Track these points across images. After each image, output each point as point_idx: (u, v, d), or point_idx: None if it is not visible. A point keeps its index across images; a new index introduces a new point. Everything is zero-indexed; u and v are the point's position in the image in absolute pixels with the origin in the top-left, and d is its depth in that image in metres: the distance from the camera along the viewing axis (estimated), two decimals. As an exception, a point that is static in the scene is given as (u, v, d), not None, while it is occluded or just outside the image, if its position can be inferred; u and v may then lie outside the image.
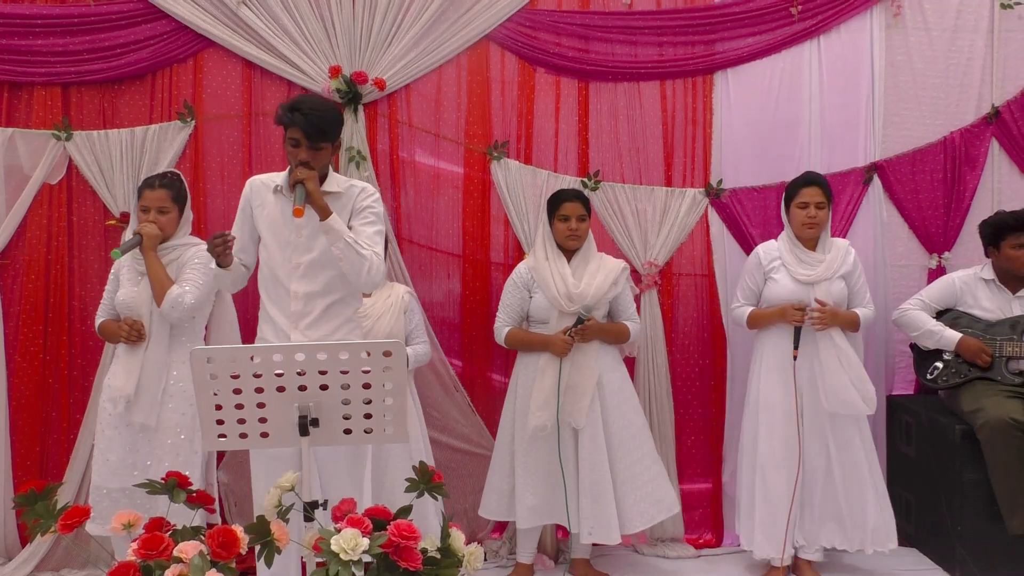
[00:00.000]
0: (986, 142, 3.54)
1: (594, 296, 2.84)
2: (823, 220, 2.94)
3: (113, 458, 2.63)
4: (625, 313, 2.98)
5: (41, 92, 3.08)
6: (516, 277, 2.96)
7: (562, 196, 2.92)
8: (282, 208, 2.35)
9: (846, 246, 3.04)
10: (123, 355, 2.66)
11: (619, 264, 2.97)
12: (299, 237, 2.34)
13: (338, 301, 2.38)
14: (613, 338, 2.94)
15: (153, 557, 1.56)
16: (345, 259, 2.26)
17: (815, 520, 2.95)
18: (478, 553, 1.77)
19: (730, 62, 3.41)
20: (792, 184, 3.03)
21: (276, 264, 2.36)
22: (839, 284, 2.95)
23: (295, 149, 2.28)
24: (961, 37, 3.51)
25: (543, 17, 3.31)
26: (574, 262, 2.91)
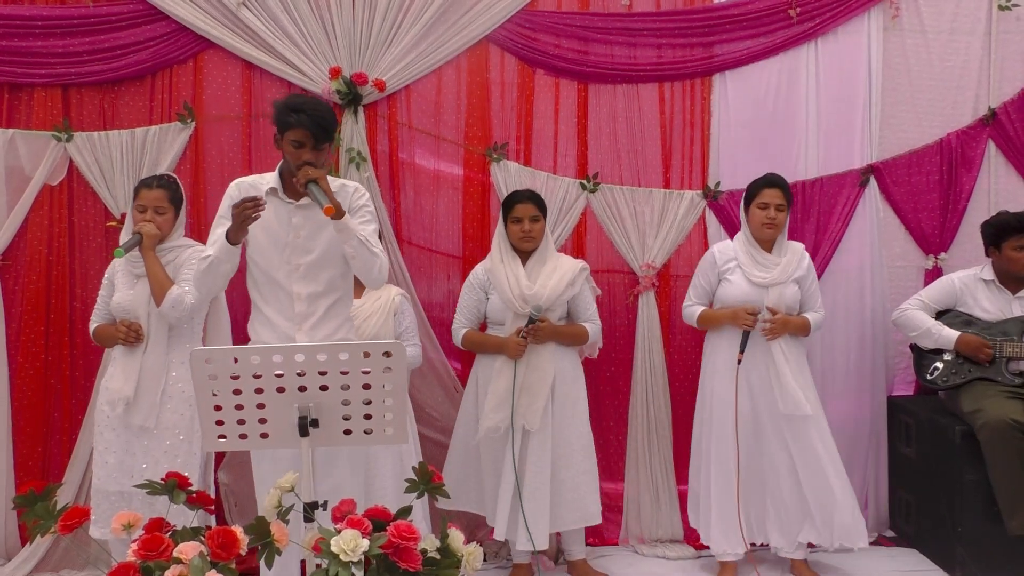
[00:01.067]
0: (983, 144, 3.55)
1: (548, 297, 2.82)
2: (782, 222, 2.93)
3: (112, 460, 2.63)
4: (584, 314, 2.96)
5: (41, 93, 3.09)
6: (472, 278, 2.96)
7: (514, 197, 2.92)
8: (276, 210, 2.34)
9: (801, 249, 3.03)
10: (121, 357, 2.65)
11: (577, 264, 2.94)
12: (297, 238, 2.33)
13: (338, 300, 2.40)
14: (569, 340, 2.92)
15: (153, 558, 1.55)
16: (358, 257, 2.27)
17: (790, 519, 2.94)
18: (477, 553, 1.77)
19: (728, 64, 3.42)
20: (753, 184, 3.01)
21: (273, 266, 2.34)
22: (793, 288, 2.94)
23: (298, 150, 2.26)
24: (958, 39, 3.52)
25: (542, 19, 3.32)
26: (529, 263, 2.90)
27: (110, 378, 2.67)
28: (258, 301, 2.39)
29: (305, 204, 2.34)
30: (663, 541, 3.34)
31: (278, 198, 2.35)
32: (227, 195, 2.40)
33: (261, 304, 2.38)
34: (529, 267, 2.89)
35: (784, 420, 2.90)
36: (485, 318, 2.98)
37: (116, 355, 2.69)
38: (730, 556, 2.97)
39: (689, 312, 3.05)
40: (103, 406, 2.67)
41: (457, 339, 2.97)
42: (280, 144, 2.33)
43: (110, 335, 2.68)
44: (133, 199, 2.70)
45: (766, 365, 2.89)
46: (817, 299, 3.03)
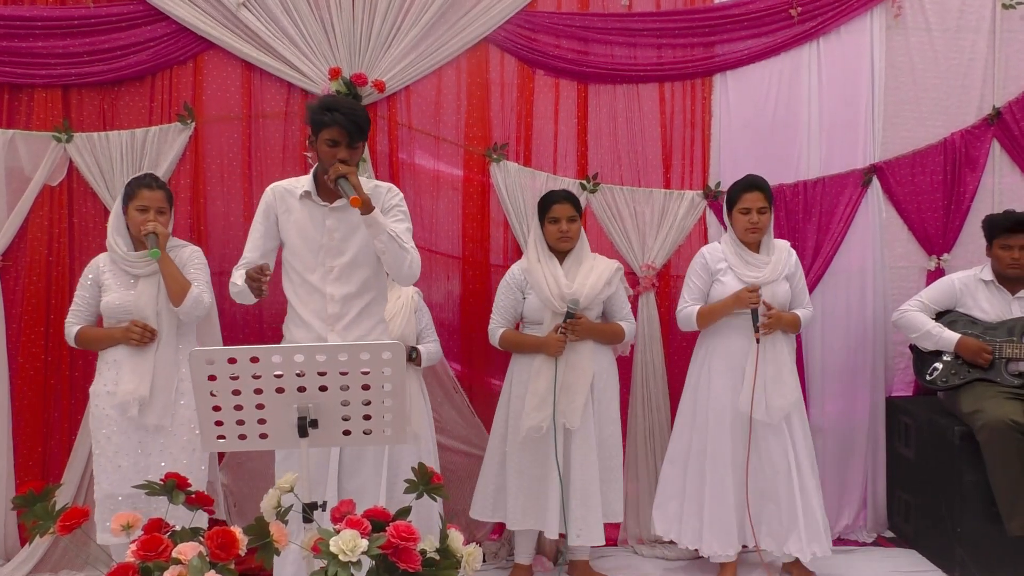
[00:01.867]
0: (987, 143, 3.54)
1: (587, 296, 2.84)
2: (765, 224, 2.92)
3: (125, 464, 2.61)
4: (619, 313, 2.98)
5: (42, 94, 3.09)
6: (509, 278, 2.97)
7: (551, 198, 2.93)
8: (311, 213, 2.40)
9: (787, 247, 3.02)
10: (129, 359, 2.62)
11: (612, 264, 2.97)
12: (331, 240, 2.38)
13: (372, 301, 2.45)
14: (607, 338, 2.94)
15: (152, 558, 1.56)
16: (388, 252, 2.30)
17: (783, 523, 2.91)
18: (477, 554, 1.77)
19: (729, 64, 3.41)
20: (732, 188, 3.00)
21: (307, 268, 2.39)
22: (784, 286, 2.94)
23: (332, 149, 2.32)
24: (963, 37, 3.50)
25: (542, 19, 3.32)
26: (567, 263, 2.92)
27: (113, 381, 2.62)
28: (293, 302, 2.43)
29: (339, 206, 2.39)
30: (662, 542, 3.34)
31: (312, 201, 2.40)
32: (263, 199, 2.47)
33: (297, 305, 2.42)
34: (566, 267, 2.91)
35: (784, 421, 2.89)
36: (521, 318, 2.98)
37: (119, 357, 2.64)
38: (723, 557, 2.97)
39: (686, 313, 2.99)
40: (108, 410, 2.62)
41: (494, 339, 2.96)
42: (315, 144, 2.37)
43: (108, 337, 2.65)
44: (128, 198, 2.67)
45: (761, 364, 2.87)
46: (806, 296, 3.04)
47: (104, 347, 2.68)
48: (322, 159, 2.36)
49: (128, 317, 2.64)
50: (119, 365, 2.63)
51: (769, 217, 2.94)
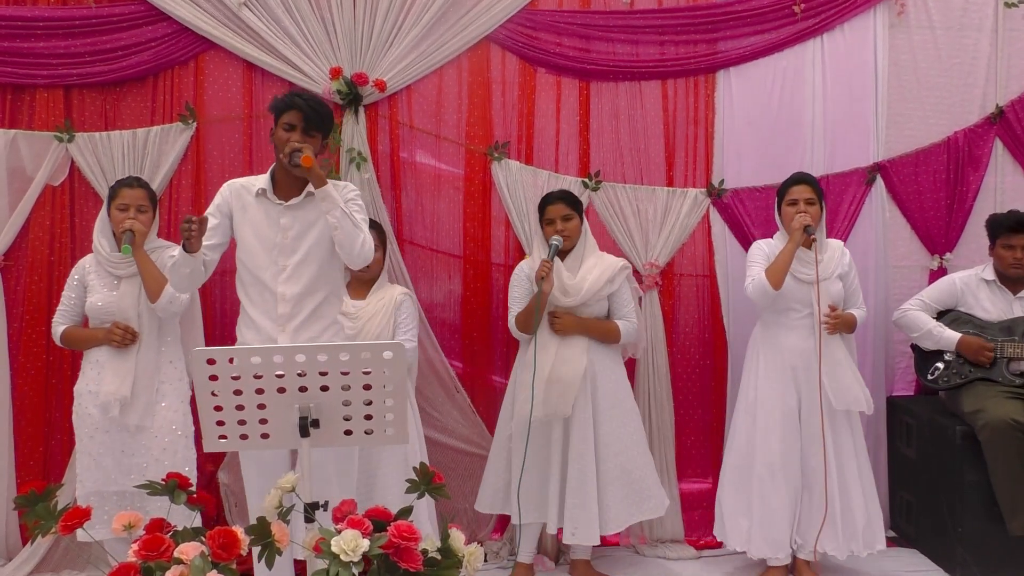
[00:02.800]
0: (990, 142, 3.53)
1: (588, 291, 2.85)
2: (816, 215, 2.92)
3: (108, 462, 2.63)
4: (620, 312, 2.97)
5: (43, 94, 3.09)
6: (519, 272, 3.00)
7: (546, 200, 2.95)
8: (266, 210, 2.37)
9: (841, 247, 3.04)
10: (111, 359, 2.63)
11: (618, 262, 2.97)
12: (285, 239, 2.35)
13: (323, 302, 2.40)
14: (598, 334, 2.92)
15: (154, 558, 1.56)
16: (341, 228, 2.28)
17: (812, 522, 2.93)
18: (478, 553, 1.77)
19: (732, 61, 3.40)
20: (783, 184, 3.03)
21: (260, 267, 2.35)
22: (837, 284, 2.95)
23: (288, 133, 2.32)
24: (966, 36, 3.49)
25: (544, 17, 3.31)
26: (568, 260, 2.92)
27: (95, 381, 2.64)
28: (244, 302, 2.41)
29: (294, 204, 2.37)
30: (664, 541, 3.34)
31: (267, 199, 2.38)
32: (219, 194, 2.44)
33: (247, 305, 2.39)
34: (568, 263, 2.92)
35: (825, 420, 2.86)
36: None
37: (101, 358, 2.65)
38: (774, 560, 2.95)
39: (758, 280, 2.85)
40: (90, 409, 2.64)
41: (511, 323, 2.97)
42: (274, 136, 2.37)
43: (91, 337, 2.67)
44: (111, 199, 2.69)
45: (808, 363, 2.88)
46: (859, 296, 3.03)
47: (88, 347, 2.70)
48: (278, 145, 2.34)
49: (111, 318, 2.64)
50: (101, 365, 2.65)
51: (819, 209, 2.93)
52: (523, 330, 2.91)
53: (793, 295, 2.91)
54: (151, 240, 2.73)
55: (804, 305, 2.91)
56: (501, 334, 3.34)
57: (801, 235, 2.84)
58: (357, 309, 2.82)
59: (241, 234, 2.39)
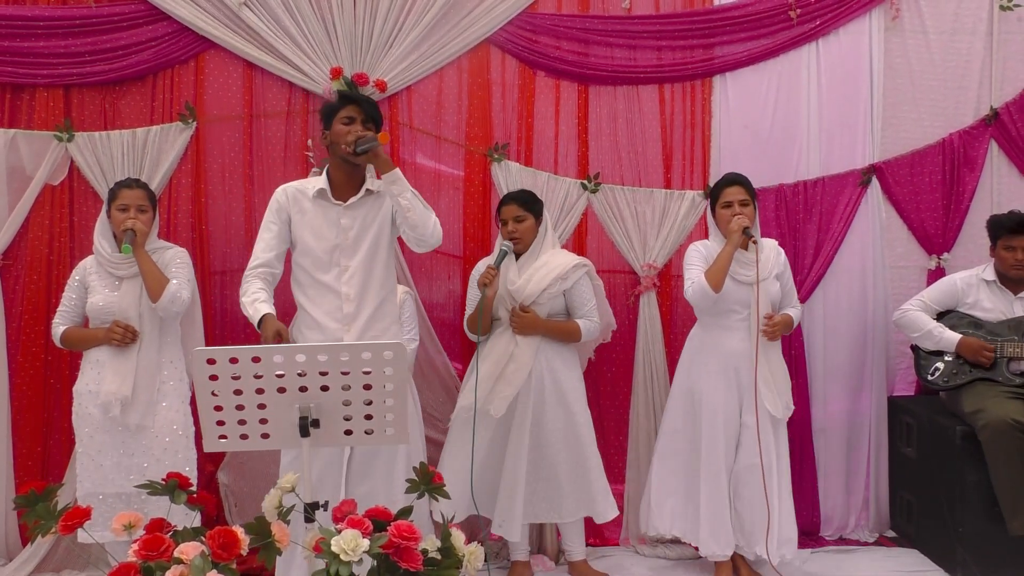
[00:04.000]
0: (985, 144, 3.54)
1: (532, 291, 2.84)
2: (751, 216, 2.90)
3: (108, 463, 2.62)
4: (580, 310, 2.95)
5: (43, 94, 3.09)
6: (476, 272, 3.01)
7: (502, 201, 2.97)
8: (324, 212, 2.41)
9: (775, 246, 3.02)
10: (111, 359, 2.63)
11: (572, 260, 2.93)
12: (346, 239, 2.39)
13: (385, 300, 2.45)
14: (557, 335, 2.90)
15: (154, 558, 1.55)
16: (413, 210, 2.31)
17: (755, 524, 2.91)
18: (478, 553, 1.77)
19: (729, 66, 3.41)
20: (715, 186, 3.02)
21: (321, 269, 2.39)
22: (775, 284, 2.94)
23: (348, 126, 2.37)
24: (959, 39, 3.52)
25: (543, 21, 3.32)
26: (521, 260, 2.93)
27: (96, 381, 2.63)
28: (304, 303, 2.42)
29: (353, 204, 2.40)
30: (663, 541, 3.34)
31: (326, 200, 2.41)
32: (274, 199, 2.47)
33: (308, 307, 2.41)
34: (520, 263, 2.92)
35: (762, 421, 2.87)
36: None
37: (101, 357, 2.65)
38: (720, 556, 2.97)
39: (698, 284, 2.83)
40: (91, 409, 2.64)
41: (465, 326, 3.00)
42: (326, 137, 2.41)
43: (91, 337, 2.67)
44: (110, 200, 2.69)
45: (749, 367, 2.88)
46: (794, 294, 3.05)
47: (88, 348, 2.70)
48: (335, 140, 2.38)
49: (112, 318, 2.64)
50: (102, 365, 2.65)
51: (753, 210, 2.93)
52: (472, 331, 2.94)
53: (733, 297, 2.88)
54: (151, 240, 2.73)
55: (743, 306, 2.89)
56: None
57: (739, 237, 2.83)
58: None
59: (300, 237, 2.42)
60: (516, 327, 2.85)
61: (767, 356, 2.89)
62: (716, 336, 2.95)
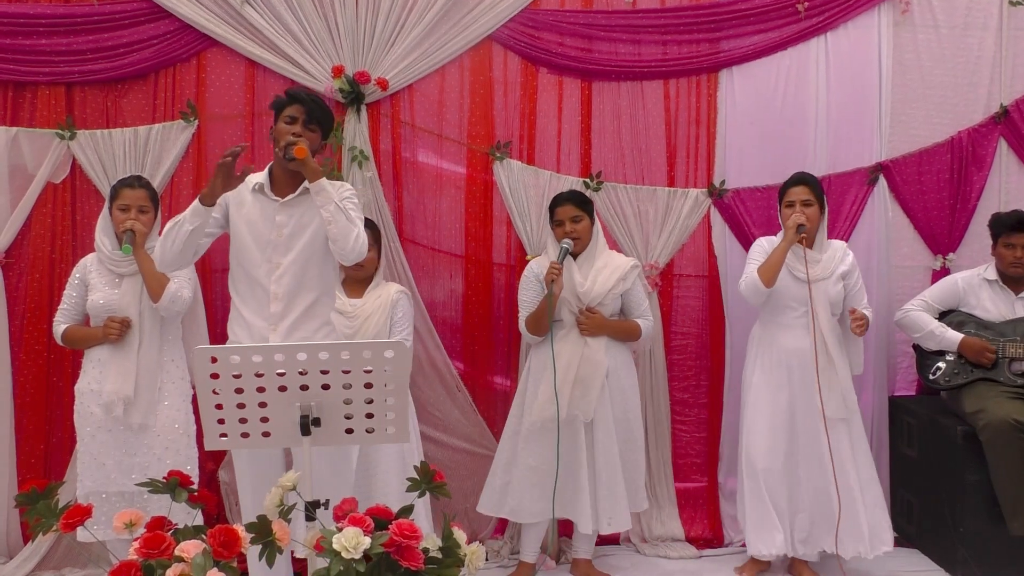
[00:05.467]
0: (994, 142, 3.52)
1: (598, 293, 2.86)
2: (813, 217, 2.92)
3: (109, 462, 2.63)
4: (637, 310, 2.99)
5: (45, 91, 3.09)
6: (529, 274, 2.99)
7: (555, 201, 2.96)
8: (262, 207, 2.35)
9: (843, 247, 3.04)
10: (112, 358, 2.63)
11: (628, 261, 2.98)
12: (279, 236, 2.33)
13: (316, 301, 2.37)
14: (622, 335, 2.95)
15: (155, 556, 1.56)
16: (335, 222, 2.24)
17: (814, 522, 2.94)
18: (480, 552, 1.77)
19: (735, 60, 3.39)
20: (783, 185, 3.05)
21: (253, 264, 2.33)
22: (837, 285, 2.95)
23: (289, 126, 2.33)
24: (970, 35, 3.48)
25: (546, 17, 3.30)
26: (579, 260, 2.93)
27: (98, 380, 2.64)
28: (236, 301, 2.39)
29: (290, 201, 2.35)
30: (665, 540, 3.34)
31: (264, 195, 2.37)
32: None
33: (239, 304, 2.37)
34: (579, 264, 2.92)
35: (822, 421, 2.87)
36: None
37: (102, 356, 2.66)
38: (767, 556, 2.97)
39: (751, 279, 2.88)
40: (93, 408, 2.64)
41: (521, 326, 2.96)
42: (273, 131, 2.38)
43: (91, 336, 2.67)
44: (112, 199, 2.69)
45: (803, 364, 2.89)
46: (863, 298, 3.02)
47: (88, 346, 2.70)
48: (276, 139, 2.34)
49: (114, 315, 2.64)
50: (103, 364, 2.65)
51: (817, 210, 2.94)
52: (535, 332, 2.91)
53: (790, 293, 2.91)
54: (153, 239, 2.73)
55: (800, 304, 2.92)
56: (502, 334, 3.34)
57: (794, 234, 2.85)
58: (354, 308, 2.82)
59: (236, 230, 2.37)
60: (585, 329, 2.85)
61: (830, 356, 2.88)
62: (772, 332, 2.97)
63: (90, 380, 2.67)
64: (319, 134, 2.38)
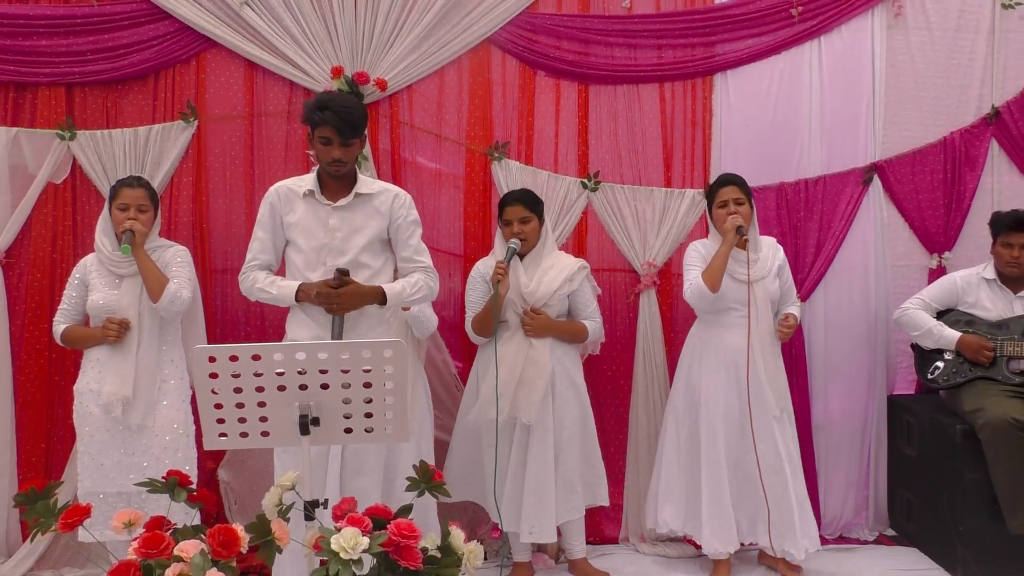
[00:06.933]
0: (986, 142, 3.54)
1: (544, 293, 2.85)
2: (747, 216, 2.92)
3: (108, 462, 2.63)
4: (584, 312, 2.97)
5: (45, 92, 3.10)
6: (475, 274, 2.99)
7: (504, 200, 2.94)
8: (314, 211, 2.41)
9: (773, 243, 3.04)
10: (111, 359, 2.64)
11: (576, 262, 2.96)
12: (333, 239, 2.39)
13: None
14: (568, 336, 2.93)
15: (154, 556, 1.56)
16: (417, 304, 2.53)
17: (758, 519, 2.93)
18: (478, 551, 1.77)
19: (730, 64, 3.41)
20: (712, 186, 3.04)
21: (310, 267, 2.40)
22: (775, 283, 2.96)
23: (326, 147, 2.34)
24: (963, 37, 3.50)
25: (543, 20, 3.32)
26: (526, 261, 2.92)
27: (97, 380, 2.64)
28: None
29: (342, 205, 2.40)
30: (663, 540, 3.34)
31: (315, 199, 2.41)
32: (265, 201, 2.47)
33: (297, 305, 2.42)
34: (525, 264, 2.91)
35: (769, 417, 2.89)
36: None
37: (102, 356, 2.66)
38: (723, 554, 2.97)
39: (695, 283, 2.87)
40: (92, 408, 2.65)
41: (467, 327, 2.96)
42: (312, 145, 2.39)
43: (90, 336, 2.68)
44: (112, 199, 2.70)
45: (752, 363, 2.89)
46: (793, 291, 3.05)
47: (87, 346, 2.71)
48: (319, 157, 2.39)
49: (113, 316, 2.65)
50: (102, 364, 2.66)
51: (749, 210, 2.93)
52: (480, 333, 2.92)
53: (732, 295, 2.90)
54: (152, 239, 2.73)
55: (742, 304, 2.91)
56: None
57: (734, 236, 2.85)
58: None
59: (291, 235, 2.44)
60: (530, 330, 2.84)
61: (765, 355, 2.89)
62: (716, 333, 2.96)
63: (89, 380, 2.67)
64: (358, 143, 2.40)
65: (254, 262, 2.46)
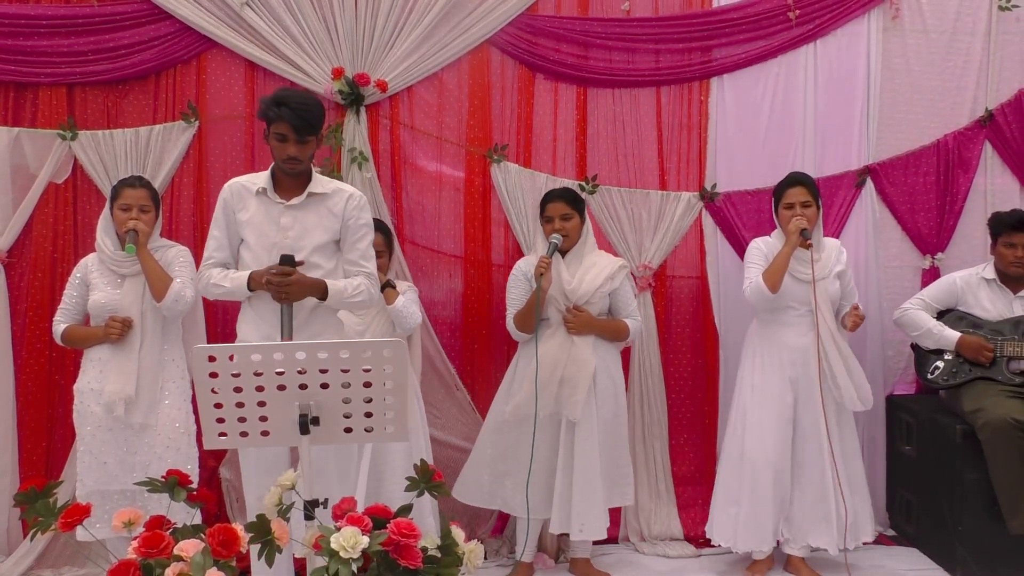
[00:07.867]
0: (979, 145, 3.55)
1: (586, 292, 2.86)
2: (813, 218, 2.95)
3: (111, 461, 2.63)
4: (625, 310, 2.99)
5: (46, 92, 3.11)
6: (517, 272, 2.99)
7: (546, 197, 2.95)
8: (266, 210, 2.36)
9: (838, 245, 3.07)
10: (113, 358, 2.64)
11: (616, 261, 2.98)
12: (285, 238, 2.34)
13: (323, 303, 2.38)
14: (609, 334, 2.94)
15: (154, 555, 1.56)
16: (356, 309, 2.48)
17: (806, 517, 2.95)
18: (478, 551, 1.77)
19: (727, 68, 3.42)
20: (778, 186, 3.05)
21: (259, 266, 2.34)
22: (835, 283, 2.98)
23: (282, 144, 2.30)
24: (959, 40, 3.52)
25: (543, 23, 3.32)
26: (567, 259, 2.93)
27: (99, 380, 2.64)
28: (244, 301, 2.41)
29: (295, 204, 2.36)
30: (664, 539, 3.35)
31: (268, 197, 2.37)
32: (220, 198, 2.43)
33: (246, 304, 2.40)
34: (567, 262, 2.92)
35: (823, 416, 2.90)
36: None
37: (102, 356, 2.66)
38: (759, 553, 2.99)
39: (755, 284, 2.90)
40: (93, 407, 2.65)
41: (509, 325, 2.95)
42: (268, 141, 2.36)
43: (91, 336, 2.68)
44: (113, 199, 2.70)
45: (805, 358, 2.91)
46: (855, 296, 3.06)
47: (88, 346, 2.70)
48: (274, 154, 2.34)
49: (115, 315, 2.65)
50: (103, 363, 2.65)
51: (815, 211, 2.96)
52: (522, 329, 2.91)
53: (791, 294, 2.93)
54: (154, 239, 2.74)
55: (802, 303, 2.94)
56: (501, 333, 3.33)
57: (797, 239, 2.87)
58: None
59: (243, 233, 2.39)
60: (572, 327, 2.84)
61: (841, 350, 2.91)
62: (774, 331, 2.98)
63: (90, 379, 2.67)
64: (314, 140, 2.36)
65: (210, 260, 2.41)
